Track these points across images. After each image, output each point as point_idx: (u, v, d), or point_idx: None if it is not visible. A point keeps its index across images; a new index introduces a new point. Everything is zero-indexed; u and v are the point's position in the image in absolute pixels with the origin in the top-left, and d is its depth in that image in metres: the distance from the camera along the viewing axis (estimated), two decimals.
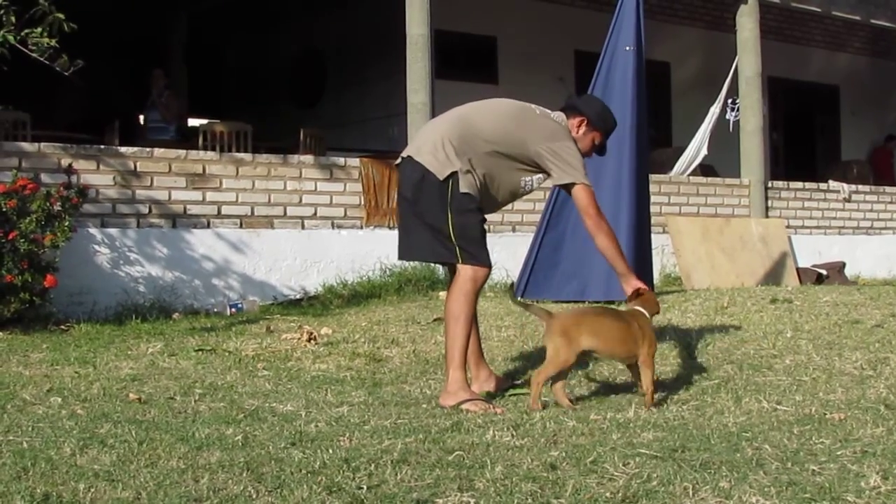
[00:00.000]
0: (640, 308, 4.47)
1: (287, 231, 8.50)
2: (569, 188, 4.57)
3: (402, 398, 4.63)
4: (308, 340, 6.01)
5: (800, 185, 12.34)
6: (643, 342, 4.34)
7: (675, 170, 11.52)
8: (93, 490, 2.90)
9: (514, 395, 4.64)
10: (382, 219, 8.78)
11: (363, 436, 3.68)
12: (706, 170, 12.11)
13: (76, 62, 6.53)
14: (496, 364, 5.33)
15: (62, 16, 6.25)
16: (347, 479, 3.01)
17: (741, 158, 11.59)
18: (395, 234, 4.76)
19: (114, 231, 7.73)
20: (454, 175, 4.42)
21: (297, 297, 8.33)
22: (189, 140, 10.22)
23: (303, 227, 8.59)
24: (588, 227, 4.55)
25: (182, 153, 8.20)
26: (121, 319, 7.15)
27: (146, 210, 7.90)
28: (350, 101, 13.48)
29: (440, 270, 8.18)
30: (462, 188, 4.43)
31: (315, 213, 8.66)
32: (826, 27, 15.91)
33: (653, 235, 8.47)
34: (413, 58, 9.04)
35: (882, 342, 5.54)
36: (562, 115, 4.74)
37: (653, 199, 8.84)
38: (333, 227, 8.74)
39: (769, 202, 11.74)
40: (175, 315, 7.42)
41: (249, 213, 8.34)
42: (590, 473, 3.06)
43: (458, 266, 4.49)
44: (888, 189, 13.54)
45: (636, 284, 4.52)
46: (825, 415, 3.98)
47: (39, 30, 6.32)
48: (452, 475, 3.06)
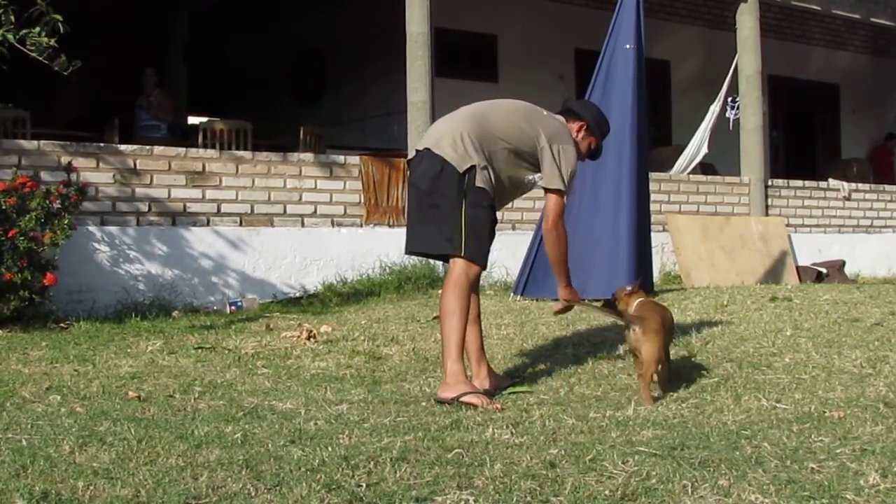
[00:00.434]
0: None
1: (287, 229, 8.50)
2: (546, 189, 4.72)
3: (402, 396, 4.63)
4: (307, 338, 6.01)
5: (800, 184, 12.35)
6: None
7: (676, 168, 11.52)
8: (92, 488, 2.90)
9: (514, 393, 4.64)
10: (382, 217, 8.77)
11: (362, 434, 3.68)
12: (706, 168, 12.11)
13: (75, 62, 6.52)
14: (496, 362, 5.33)
15: (59, 17, 6.24)
16: (346, 477, 3.01)
17: (741, 157, 11.59)
18: (395, 233, 4.79)
19: (113, 229, 7.73)
20: (472, 169, 4.48)
21: (297, 296, 8.33)
22: (188, 138, 10.21)
23: (302, 225, 8.59)
24: (544, 228, 4.77)
25: (182, 151, 8.20)
26: (120, 317, 7.15)
27: (146, 208, 7.90)
28: (350, 100, 13.48)
29: (440, 268, 8.18)
30: (478, 183, 4.49)
31: (315, 211, 8.66)
32: (826, 25, 15.91)
33: (653, 234, 8.48)
34: (413, 56, 9.03)
35: (881, 340, 5.55)
36: (562, 119, 4.87)
37: (653, 198, 8.84)
38: (333, 225, 8.74)
39: (769, 200, 11.74)
40: (174, 313, 7.42)
41: (249, 211, 8.34)
42: (589, 471, 3.07)
43: (452, 260, 4.52)
44: (888, 187, 13.55)
45: (568, 295, 4.79)
46: (824, 413, 3.98)
47: (38, 29, 6.32)
48: (452, 473, 3.06)
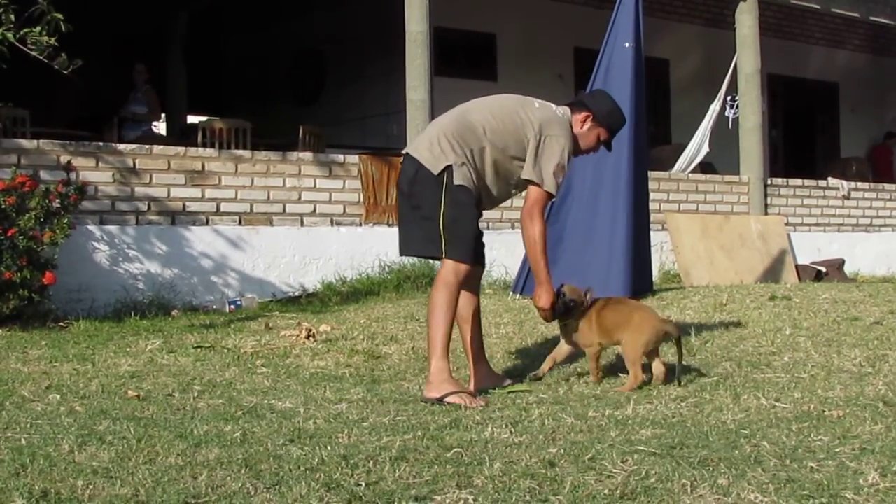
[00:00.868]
0: None
1: (286, 228, 8.50)
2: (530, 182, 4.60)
3: (401, 395, 4.63)
4: (307, 337, 6.01)
5: (799, 183, 12.35)
6: None
7: (677, 167, 11.52)
8: (91, 487, 2.90)
9: (513, 392, 4.64)
10: (381, 216, 8.77)
11: (361, 433, 3.68)
12: (705, 167, 12.11)
13: (75, 61, 6.52)
14: (495, 361, 5.33)
15: (60, 16, 6.24)
16: (346, 476, 3.01)
17: (740, 156, 11.59)
18: (394, 232, 4.80)
19: (113, 228, 7.73)
20: (449, 168, 4.46)
21: (296, 295, 8.33)
22: (188, 137, 10.20)
23: (302, 225, 8.59)
24: (522, 220, 4.58)
25: (181, 150, 8.20)
26: (119, 316, 7.15)
27: (145, 207, 7.90)
28: (349, 99, 13.48)
29: (438, 266, 8.16)
30: (457, 180, 4.46)
31: (314, 211, 8.66)
32: (825, 24, 15.90)
33: (652, 232, 8.48)
34: (412, 55, 9.03)
35: (881, 339, 5.55)
36: (566, 110, 4.75)
37: (652, 197, 8.84)
38: (332, 225, 8.74)
39: (768, 199, 11.75)
40: (174, 312, 7.42)
41: (248, 210, 8.34)
42: (588, 470, 3.07)
43: (442, 259, 4.54)
44: (887, 186, 13.55)
45: (544, 295, 4.61)
46: (824, 412, 3.98)
47: (38, 28, 6.32)
48: (451, 472, 3.06)
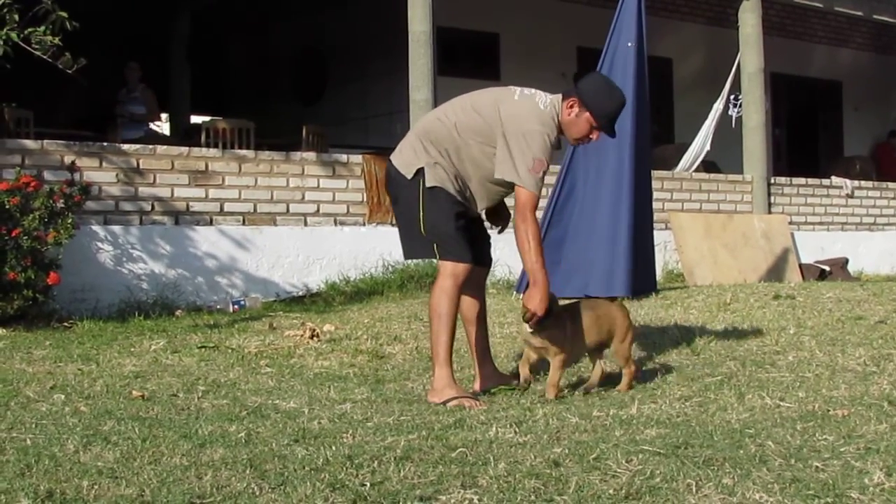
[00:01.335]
0: None
1: (290, 228, 8.50)
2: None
3: (405, 395, 4.63)
4: (311, 337, 6.01)
5: (802, 182, 12.34)
6: None
7: (680, 166, 11.51)
8: (96, 487, 2.90)
9: (504, 392, 4.61)
10: (385, 216, 8.77)
11: (366, 433, 3.68)
12: (709, 166, 12.10)
13: (79, 60, 6.53)
14: (499, 360, 5.32)
15: (65, 14, 6.25)
16: (350, 476, 3.01)
17: (744, 155, 11.58)
18: (397, 231, 4.78)
19: (117, 228, 7.74)
20: (421, 171, 4.40)
21: (300, 294, 8.34)
22: (191, 137, 10.20)
23: (305, 224, 8.59)
24: (515, 222, 4.40)
25: (185, 150, 8.21)
26: (124, 316, 7.15)
27: (149, 207, 7.90)
28: (352, 98, 13.48)
29: None
30: (429, 182, 4.39)
31: (318, 210, 8.66)
32: (828, 23, 15.88)
33: (655, 232, 8.48)
34: (415, 54, 9.03)
35: (885, 338, 5.54)
36: (554, 99, 4.47)
37: (655, 196, 8.83)
38: (336, 224, 8.74)
39: (772, 198, 11.73)
40: (178, 312, 7.42)
41: (252, 210, 8.34)
42: (593, 470, 3.07)
43: (438, 263, 4.48)
44: (891, 185, 13.52)
45: (538, 296, 4.41)
46: (828, 411, 3.97)
47: (42, 28, 6.33)
48: (455, 472, 3.06)
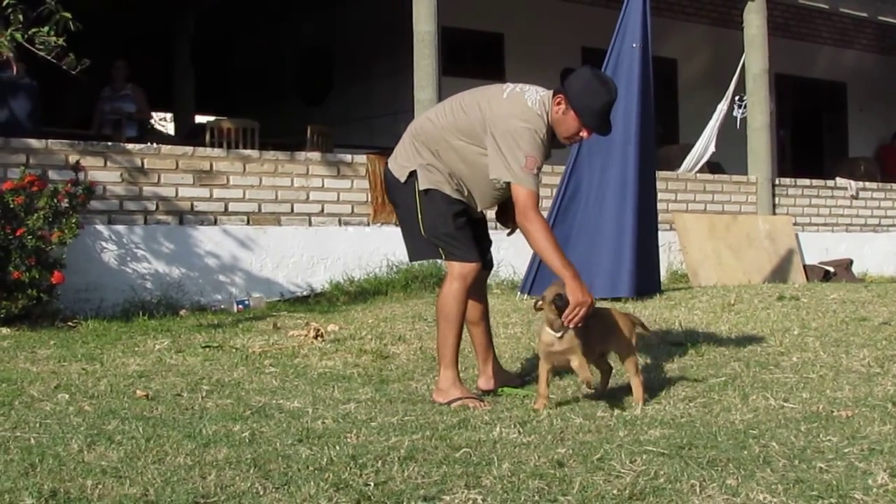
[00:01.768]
0: None
1: (294, 228, 8.50)
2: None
3: (409, 395, 4.64)
4: (315, 337, 6.01)
5: (807, 182, 12.32)
6: None
7: (684, 167, 11.51)
8: (100, 486, 2.90)
9: (509, 395, 4.62)
10: (389, 216, 8.77)
11: (370, 432, 3.69)
12: (713, 167, 12.10)
13: (83, 61, 6.54)
14: (503, 361, 5.32)
15: (69, 15, 6.26)
16: (354, 476, 3.02)
17: (748, 155, 11.57)
18: (401, 234, 4.78)
19: (121, 228, 7.74)
20: (414, 174, 4.39)
21: (304, 294, 8.34)
22: (196, 137, 10.20)
23: (310, 224, 8.59)
24: (520, 226, 4.26)
25: (189, 150, 8.21)
26: (128, 316, 7.16)
27: (153, 207, 7.91)
28: (357, 98, 13.49)
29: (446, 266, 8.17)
30: (423, 185, 4.37)
31: (322, 210, 8.66)
32: (833, 24, 15.87)
33: (660, 232, 8.47)
34: (420, 54, 9.03)
35: (889, 340, 5.54)
36: (545, 95, 4.32)
37: (660, 196, 8.83)
38: (340, 224, 8.75)
39: (776, 199, 11.72)
40: (182, 312, 7.43)
41: (256, 210, 8.35)
42: (597, 470, 3.07)
43: (447, 263, 4.48)
44: (895, 186, 13.51)
45: (578, 293, 4.27)
46: (832, 412, 3.97)
47: (46, 28, 6.33)
48: (459, 472, 3.06)
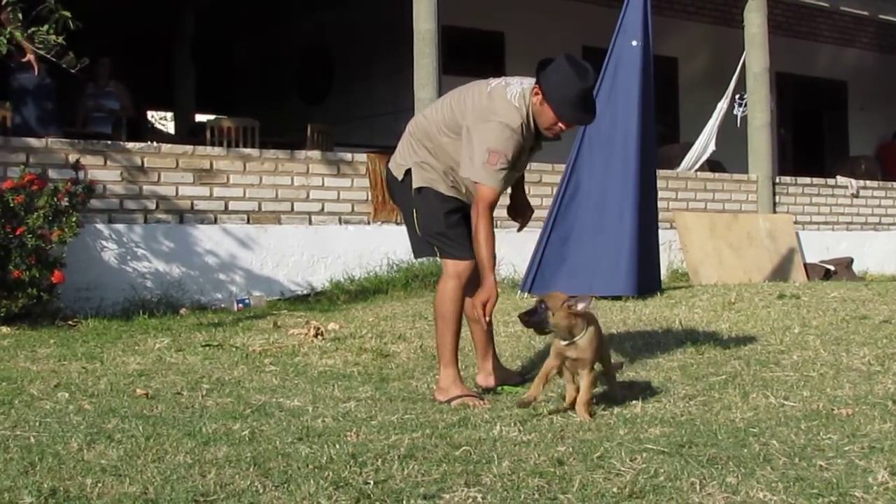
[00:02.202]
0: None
1: (294, 227, 8.50)
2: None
3: (409, 394, 4.63)
4: (315, 336, 6.01)
5: (808, 181, 12.32)
6: None
7: (683, 165, 11.51)
8: (100, 485, 2.90)
9: (509, 394, 4.62)
10: (389, 214, 8.77)
11: (370, 431, 3.69)
12: (714, 165, 12.09)
13: (82, 59, 6.54)
14: (504, 359, 5.32)
15: (68, 14, 6.26)
16: (354, 475, 3.02)
17: (749, 154, 11.56)
18: (402, 230, 4.80)
19: (121, 227, 7.74)
20: (409, 172, 4.42)
21: (304, 293, 8.34)
22: (196, 135, 10.20)
23: (310, 223, 8.59)
24: (472, 215, 4.29)
25: (189, 149, 8.21)
26: (128, 315, 7.16)
27: (153, 206, 7.91)
28: (357, 97, 13.48)
29: None
30: (416, 183, 4.40)
31: (322, 209, 8.66)
32: (834, 22, 15.86)
33: (660, 231, 8.47)
34: (420, 53, 9.03)
35: (890, 338, 5.53)
36: (527, 87, 4.27)
37: (660, 195, 8.83)
38: (340, 223, 8.74)
39: (777, 198, 11.72)
40: (182, 310, 7.43)
41: (256, 209, 8.35)
42: (597, 469, 3.07)
43: (442, 261, 4.49)
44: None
45: (488, 286, 4.23)
46: (833, 410, 3.97)
47: (46, 27, 6.34)
48: (459, 470, 3.06)
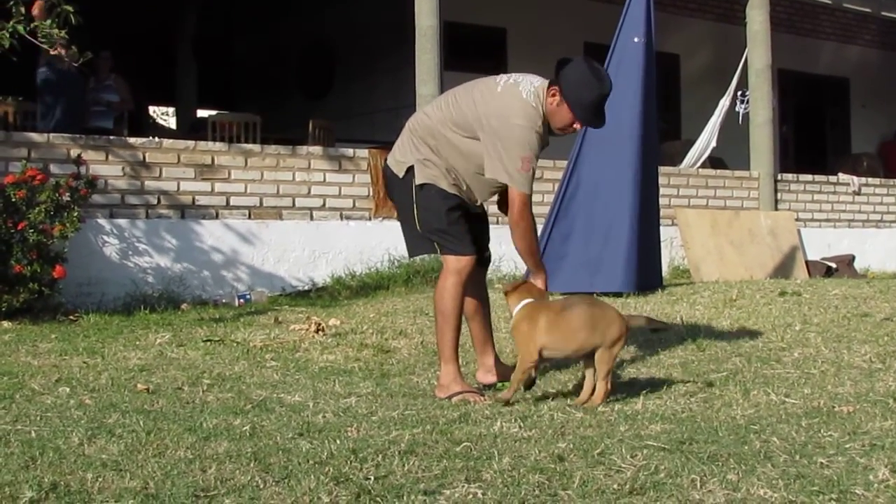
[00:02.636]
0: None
1: (295, 222, 8.50)
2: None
3: (410, 389, 4.64)
4: (316, 331, 6.01)
5: (809, 178, 12.30)
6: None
7: (685, 162, 11.50)
8: (100, 480, 2.91)
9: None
10: (391, 210, 8.73)
11: (371, 427, 3.69)
12: (715, 162, 12.08)
13: (85, 54, 6.54)
14: (504, 355, 5.32)
15: (71, 8, 6.26)
16: (355, 470, 3.02)
17: (751, 151, 11.55)
18: (401, 229, 4.77)
19: (123, 222, 7.74)
20: (411, 169, 4.41)
21: (306, 289, 8.34)
22: (198, 131, 10.20)
23: (311, 219, 8.59)
24: (510, 220, 4.34)
25: (191, 144, 8.21)
26: (129, 310, 7.16)
27: (155, 201, 7.91)
28: (359, 93, 13.48)
29: None
30: (419, 180, 4.38)
31: (323, 205, 8.66)
32: (836, 19, 15.84)
33: (662, 228, 8.47)
34: (422, 49, 9.02)
35: (891, 335, 5.53)
36: (539, 86, 4.37)
37: (662, 192, 8.82)
38: (342, 219, 8.74)
39: (778, 195, 11.70)
40: (183, 306, 7.43)
41: (258, 205, 8.35)
42: (597, 465, 3.07)
43: (442, 257, 4.47)
44: None
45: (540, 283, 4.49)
46: (833, 408, 3.97)
47: (49, 21, 6.34)
48: (460, 466, 3.06)
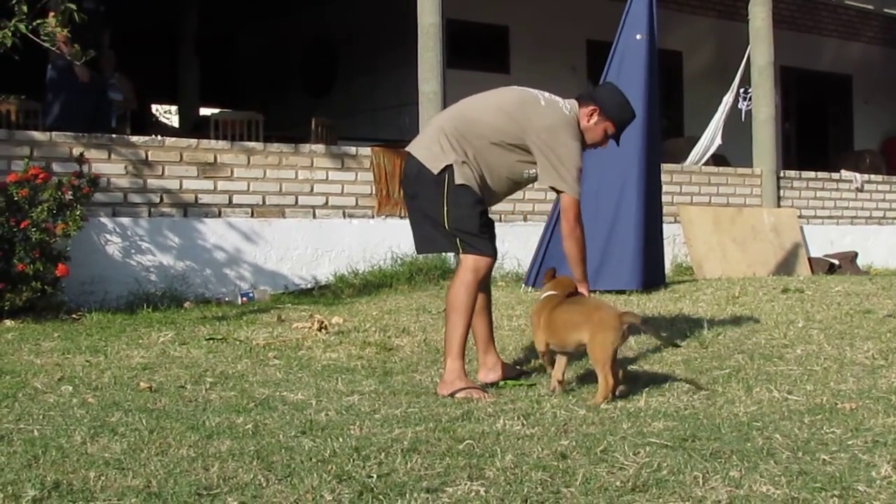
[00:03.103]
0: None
1: (298, 220, 8.50)
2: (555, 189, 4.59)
3: (413, 387, 4.64)
4: (319, 329, 6.02)
5: (812, 175, 12.29)
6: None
7: (689, 160, 11.49)
8: (103, 478, 2.91)
9: (511, 388, 4.62)
10: (394, 208, 8.77)
11: (373, 424, 3.69)
12: (718, 159, 12.07)
13: (87, 52, 6.54)
14: (507, 353, 5.33)
15: (73, 6, 6.26)
16: (357, 468, 3.02)
17: (753, 148, 11.54)
18: (406, 224, 4.80)
19: (125, 220, 7.75)
20: (449, 168, 4.44)
21: (309, 287, 8.34)
22: (200, 129, 10.20)
23: (314, 217, 8.59)
24: (563, 228, 4.57)
25: (193, 142, 8.21)
26: (132, 308, 7.16)
27: (157, 199, 7.91)
28: (361, 91, 13.48)
29: (451, 260, 8.18)
30: (458, 180, 4.43)
31: (326, 203, 8.66)
32: (839, 16, 15.83)
33: (664, 225, 8.46)
34: (424, 47, 9.01)
35: (894, 332, 5.53)
36: (573, 104, 4.67)
37: (665, 189, 8.81)
38: (345, 217, 8.74)
39: (781, 192, 11.70)
40: (186, 304, 7.43)
41: (261, 203, 8.34)
42: (600, 462, 3.07)
43: (460, 256, 4.52)
44: None
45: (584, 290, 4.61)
46: (836, 404, 3.97)
47: (51, 19, 6.34)
48: (462, 464, 3.07)
